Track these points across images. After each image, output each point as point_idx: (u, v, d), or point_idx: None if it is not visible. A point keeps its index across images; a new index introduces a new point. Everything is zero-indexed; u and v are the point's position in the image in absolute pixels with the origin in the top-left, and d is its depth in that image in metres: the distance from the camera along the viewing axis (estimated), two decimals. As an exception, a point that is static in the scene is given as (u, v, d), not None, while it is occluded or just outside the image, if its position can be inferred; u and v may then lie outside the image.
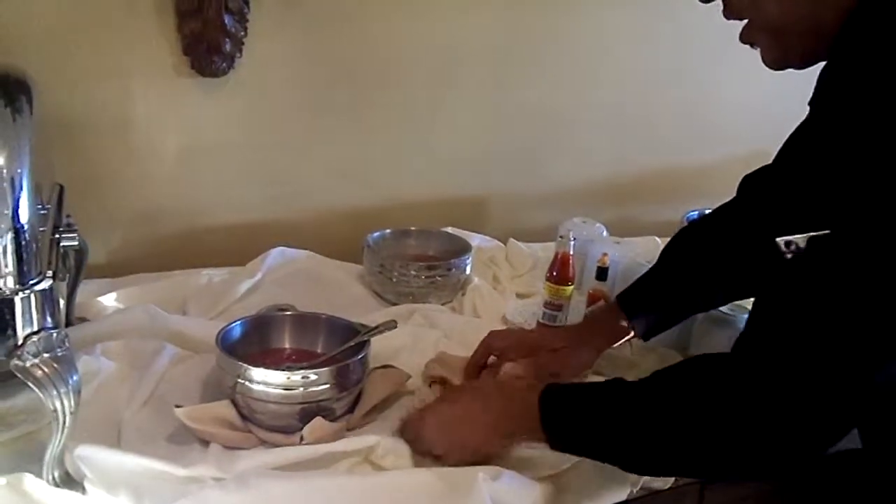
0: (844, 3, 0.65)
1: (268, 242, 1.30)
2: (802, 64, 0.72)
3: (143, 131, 1.22)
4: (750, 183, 0.97)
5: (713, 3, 0.74)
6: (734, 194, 0.99)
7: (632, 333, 0.98)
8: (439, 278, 1.20)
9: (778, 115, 1.09)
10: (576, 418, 0.75)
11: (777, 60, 0.73)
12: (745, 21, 0.73)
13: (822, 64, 0.72)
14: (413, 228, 1.33)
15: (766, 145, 1.01)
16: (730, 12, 0.72)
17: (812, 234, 0.66)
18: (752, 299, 1.15)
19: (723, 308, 1.07)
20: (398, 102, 1.38)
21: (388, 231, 1.30)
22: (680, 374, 0.73)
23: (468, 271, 1.25)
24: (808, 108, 0.82)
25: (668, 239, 1.40)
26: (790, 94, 1.15)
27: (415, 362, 1.00)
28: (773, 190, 0.91)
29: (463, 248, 1.26)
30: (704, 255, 0.97)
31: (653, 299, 0.98)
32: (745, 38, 0.73)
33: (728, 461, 0.69)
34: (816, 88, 0.77)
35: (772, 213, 0.89)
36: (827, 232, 0.63)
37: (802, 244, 0.67)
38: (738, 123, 1.64)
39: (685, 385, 0.71)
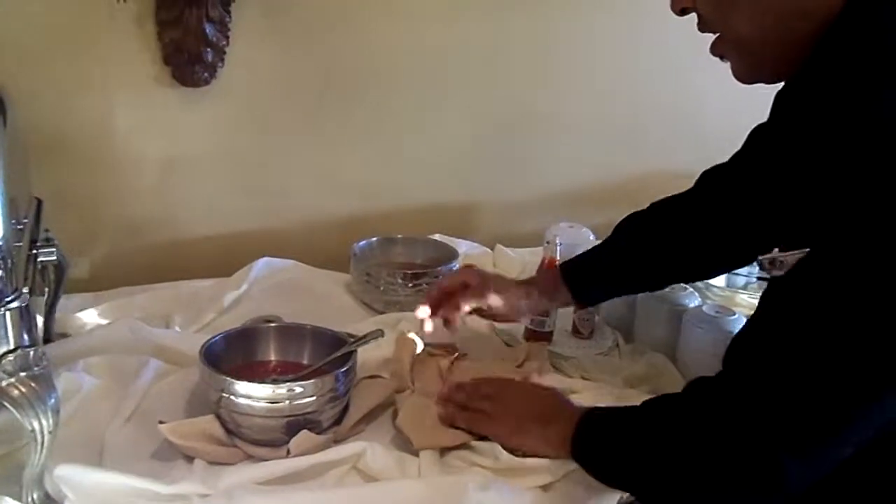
0: (814, 24, 0.65)
1: (253, 253, 1.29)
2: (772, 79, 0.73)
3: (124, 142, 1.21)
4: (708, 177, 0.99)
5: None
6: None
7: (563, 298, 1.03)
8: (426, 286, 1.19)
9: (760, 120, 1.09)
10: (597, 448, 0.79)
11: (746, 75, 0.73)
12: (717, 35, 0.73)
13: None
14: (399, 236, 1.32)
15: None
16: (703, 25, 0.72)
17: (797, 252, 0.66)
18: (741, 301, 1.17)
19: (709, 310, 1.07)
20: (383, 109, 1.37)
21: (374, 239, 1.29)
22: (677, 401, 0.74)
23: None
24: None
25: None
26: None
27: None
28: (730, 187, 0.93)
29: (450, 256, 1.26)
30: (651, 237, 0.99)
31: (593, 270, 1.01)
32: (716, 51, 0.74)
33: (718, 488, 0.69)
34: (780, 99, 0.77)
35: (726, 209, 0.93)
36: (814, 251, 0.63)
37: (783, 260, 0.68)
38: (724, 128, 1.63)
39: (680, 413, 0.72)
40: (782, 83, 0.74)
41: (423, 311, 0.99)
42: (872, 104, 0.61)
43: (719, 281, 1.20)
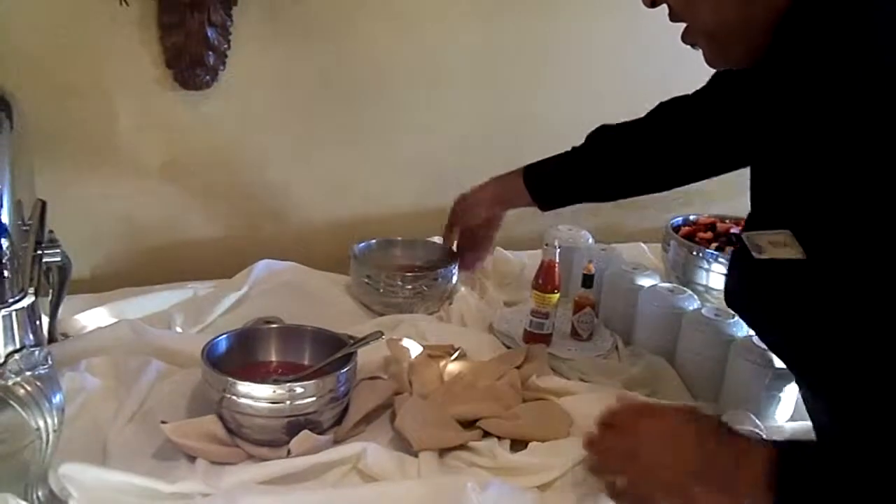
0: (776, 6, 0.66)
1: (253, 255, 1.29)
2: (741, 64, 0.74)
3: (127, 145, 1.22)
4: (664, 107, 1.08)
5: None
6: (716, 199, 1.02)
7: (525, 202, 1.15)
8: (426, 288, 1.20)
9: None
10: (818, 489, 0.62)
11: (716, 61, 0.75)
12: (686, 24, 0.74)
13: None
14: (399, 238, 1.33)
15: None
16: (673, 16, 0.74)
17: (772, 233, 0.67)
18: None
19: (707, 312, 1.07)
20: (382, 112, 1.38)
21: (373, 241, 1.30)
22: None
23: (454, 280, 1.25)
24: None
25: (654, 245, 1.42)
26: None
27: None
28: (688, 118, 1.03)
29: (449, 258, 1.27)
30: (615, 151, 1.10)
31: (554, 175, 1.13)
32: (687, 39, 0.75)
33: None
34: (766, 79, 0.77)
35: (688, 135, 1.03)
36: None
37: (765, 243, 0.68)
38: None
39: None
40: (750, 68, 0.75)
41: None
42: (854, 57, 0.62)
43: (719, 284, 1.21)
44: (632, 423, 0.72)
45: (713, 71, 0.80)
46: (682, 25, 0.75)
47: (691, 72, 1.52)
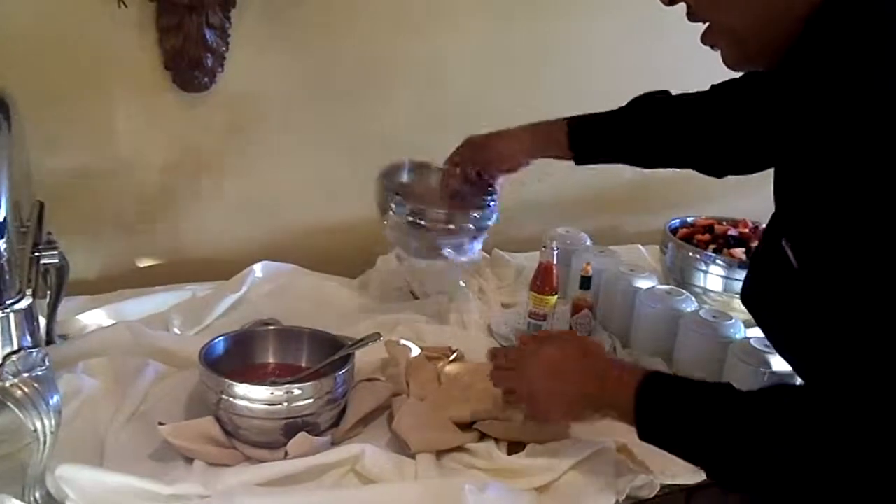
0: (801, 11, 0.67)
1: (251, 257, 1.29)
2: (762, 66, 0.74)
3: (125, 147, 1.22)
4: (720, 88, 1.04)
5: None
6: (716, 203, 1.02)
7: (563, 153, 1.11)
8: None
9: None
10: (670, 417, 0.74)
11: (736, 63, 0.74)
12: (707, 24, 0.74)
13: None
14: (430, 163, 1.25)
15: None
16: (692, 15, 0.73)
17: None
18: (737, 307, 1.17)
19: (705, 314, 1.08)
20: (381, 114, 1.38)
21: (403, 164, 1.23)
22: (784, 396, 0.71)
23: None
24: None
25: (652, 247, 1.42)
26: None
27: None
28: (736, 104, 1.00)
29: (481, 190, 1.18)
30: (660, 120, 1.07)
31: (599, 132, 1.10)
32: (706, 40, 0.74)
33: (815, 488, 0.67)
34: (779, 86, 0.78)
35: (731, 119, 1.00)
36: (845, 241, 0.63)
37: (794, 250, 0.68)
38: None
39: (787, 409, 0.69)
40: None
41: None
42: (864, 76, 0.62)
43: (716, 286, 1.21)
44: (532, 352, 0.87)
45: (714, 71, 0.79)
46: (681, 24, 0.74)
47: (692, 71, 1.52)
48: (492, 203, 1.16)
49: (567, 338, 0.95)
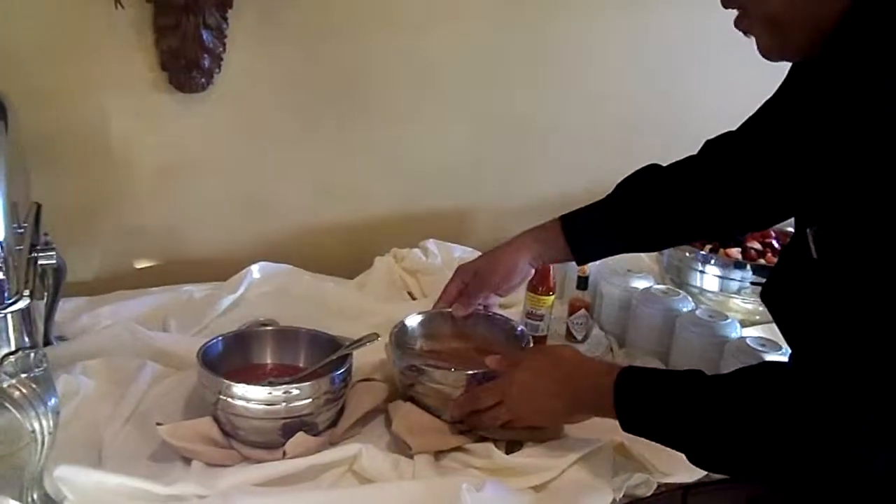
0: (841, 3, 0.66)
1: (249, 257, 1.30)
2: (798, 57, 0.73)
3: (122, 147, 1.22)
4: (712, 146, 1.00)
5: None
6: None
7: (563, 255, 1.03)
8: None
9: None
10: (648, 405, 0.78)
11: (773, 52, 0.72)
12: (741, 9, 0.73)
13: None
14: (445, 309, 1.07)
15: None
16: (728, 1, 0.72)
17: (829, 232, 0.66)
18: (734, 306, 1.18)
19: (701, 313, 1.08)
20: (378, 116, 1.38)
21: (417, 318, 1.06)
22: (757, 377, 0.73)
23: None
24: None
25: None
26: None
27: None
28: (737, 156, 0.95)
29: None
30: (656, 199, 1.00)
31: (595, 227, 1.01)
32: (741, 25, 0.73)
33: (788, 469, 0.69)
34: (791, 75, 0.79)
35: (734, 176, 0.94)
36: (852, 235, 0.64)
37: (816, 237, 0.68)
38: (714, 135, 1.66)
39: (760, 390, 0.71)
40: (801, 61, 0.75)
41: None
42: (877, 88, 0.63)
43: (713, 286, 1.21)
44: (508, 383, 0.88)
45: (714, 71, 0.78)
46: (681, 25, 0.74)
47: (692, 71, 1.53)
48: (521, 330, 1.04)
49: (535, 355, 0.94)
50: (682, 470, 0.85)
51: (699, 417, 0.73)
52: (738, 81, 1.58)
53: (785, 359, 0.76)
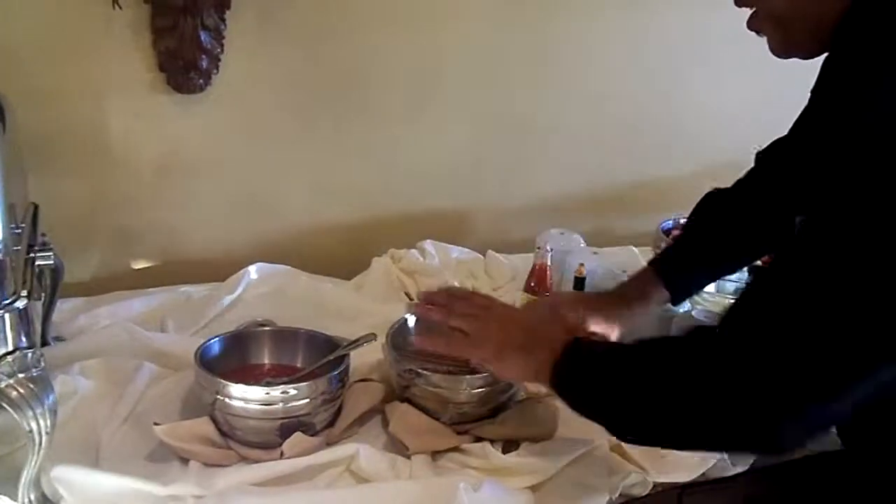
0: (843, 1, 0.67)
1: (247, 258, 1.30)
2: (807, 54, 0.75)
3: (120, 148, 1.22)
4: (766, 157, 1.00)
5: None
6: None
7: (657, 297, 0.99)
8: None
9: (753, 126, 1.11)
10: (577, 375, 0.75)
11: (782, 49, 0.75)
12: (753, 9, 0.75)
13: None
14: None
15: (740, 156, 1.03)
16: (741, 0, 0.74)
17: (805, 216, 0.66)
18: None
19: (697, 314, 1.08)
20: (376, 116, 1.38)
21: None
22: (674, 345, 0.73)
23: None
24: (787, 117, 0.84)
25: (645, 248, 1.42)
26: (767, 105, 1.16)
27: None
28: (786, 166, 0.95)
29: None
30: (728, 224, 1.00)
31: (684, 263, 1.00)
32: (752, 25, 0.76)
33: (707, 437, 0.69)
34: (819, 76, 0.79)
35: (784, 188, 0.94)
36: (815, 220, 0.65)
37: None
38: (714, 135, 1.66)
39: (675, 357, 0.70)
40: (812, 58, 0.76)
41: None
42: (873, 89, 0.64)
43: (709, 286, 1.21)
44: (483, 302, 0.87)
45: (714, 71, 0.79)
46: (681, 25, 0.75)
47: (692, 71, 1.53)
48: None
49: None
50: (677, 470, 0.86)
51: (619, 383, 0.72)
52: (738, 81, 1.59)
53: None
